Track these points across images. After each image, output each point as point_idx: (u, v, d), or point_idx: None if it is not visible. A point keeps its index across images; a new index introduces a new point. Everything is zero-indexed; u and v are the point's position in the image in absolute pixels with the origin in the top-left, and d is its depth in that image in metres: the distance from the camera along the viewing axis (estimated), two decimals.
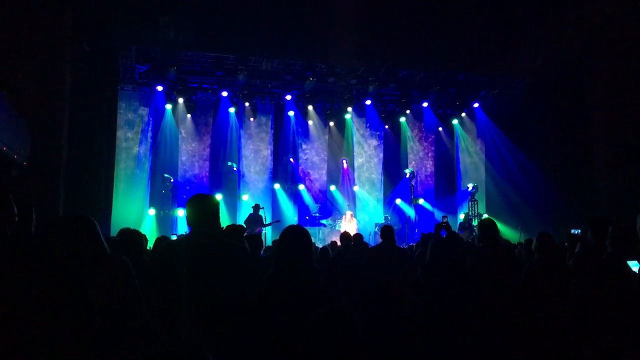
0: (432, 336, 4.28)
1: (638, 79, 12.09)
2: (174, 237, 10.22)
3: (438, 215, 16.59)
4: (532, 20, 13.15)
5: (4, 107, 8.44)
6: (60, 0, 10.13)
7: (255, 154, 16.68)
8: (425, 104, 16.89)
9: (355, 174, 17.51)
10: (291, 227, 3.33)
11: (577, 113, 14.11)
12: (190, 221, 3.23)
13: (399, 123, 17.64)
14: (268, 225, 13.43)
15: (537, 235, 4.99)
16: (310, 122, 17.10)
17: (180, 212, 14.09)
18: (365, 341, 2.08)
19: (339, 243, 8.91)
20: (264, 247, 8.67)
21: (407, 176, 16.77)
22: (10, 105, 8.71)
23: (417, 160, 17.99)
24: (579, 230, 8.48)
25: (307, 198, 16.86)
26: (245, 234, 7.18)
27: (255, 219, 13.18)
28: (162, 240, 6.29)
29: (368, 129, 17.75)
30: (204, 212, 3.20)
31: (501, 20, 13.08)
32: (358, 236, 8.47)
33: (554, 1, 12.71)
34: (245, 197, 15.73)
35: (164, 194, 14.96)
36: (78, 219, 3.03)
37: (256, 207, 13.50)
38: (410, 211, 16.74)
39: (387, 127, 17.74)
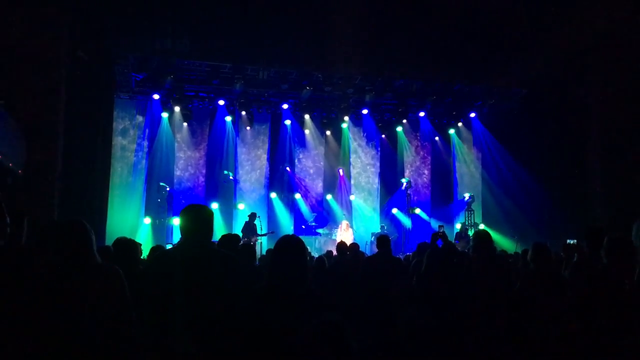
0: (427, 346, 4.25)
1: (633, 89, 12.16)
2: (169, 246, 10.18)
3: (434, 224, 16.58)
4: (527, 30, 13.22)
5: None
6: (57, 8, 10.13)
7: (251, 163, 16.68)
8: (421, 114, 16.94)
9: (352, 183, 17.50)
10: (285, 237, 3.32)
11: (572, 123, 14.16)
12: (182, 231, 3.21)
13: (395, 132, 17.67)
14: (262, 235, 13.41)
15: (532, 246, 4.98)
16: (306, 131, 17.12)
17: (176, 221, 14.02)
18: (359, 351, 2.06)
19: (335, 252, 8.87)
20: (258, 257, 8.64)
21: (404, 186, 16.78)
22: (5, 113, 8.70)
23: (414, 169, 18.01)
24: (575, 241, 8.50)
25: (304, 207, 16.85)
26: (241, 242, 7.16)
27: (250, 227, 13.16)
28: (156, 250, 6.26)
29: (365, 138, 17.77)
30: (196, 223, 3.18)
31: (497, 31, 13.16)
32: (354, 246, 8.45)
33: (549, 12, 12.80)
34: (241, 206, 15.70)
35: (160, 203, 14.92)
36: (73, 224, 2.93)
37: (252, 216, 13.49)
38: (406, 221, 16.74)
39: (383, 136, 17.76)
